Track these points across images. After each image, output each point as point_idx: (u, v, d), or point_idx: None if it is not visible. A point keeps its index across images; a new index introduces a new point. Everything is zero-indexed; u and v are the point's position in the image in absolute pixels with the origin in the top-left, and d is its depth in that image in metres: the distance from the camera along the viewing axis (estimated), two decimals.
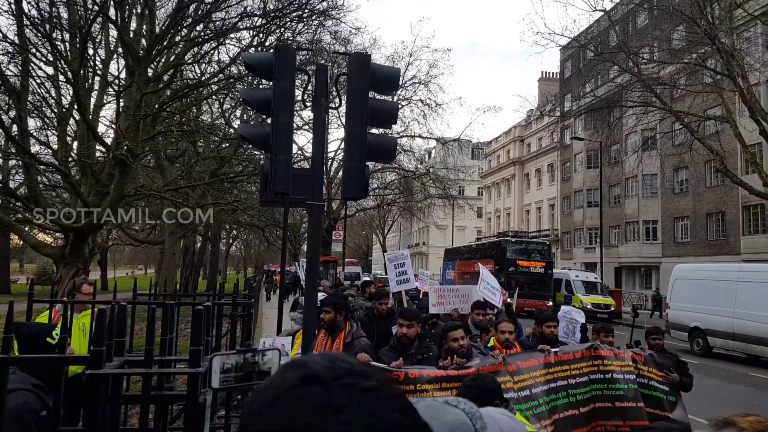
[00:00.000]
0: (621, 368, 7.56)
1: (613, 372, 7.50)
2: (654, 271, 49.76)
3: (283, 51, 6.94)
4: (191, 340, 3.02)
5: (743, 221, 40.49)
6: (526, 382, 6.65)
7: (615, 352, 7.70)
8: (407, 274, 10.70)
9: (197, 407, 2.89)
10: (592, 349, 7.54)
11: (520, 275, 36.41)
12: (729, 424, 2.22)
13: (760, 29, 30.87)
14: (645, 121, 29.44)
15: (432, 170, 47.12)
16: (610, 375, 7.48)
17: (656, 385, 7.82)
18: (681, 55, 26.41)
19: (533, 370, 6.84)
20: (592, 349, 7.52)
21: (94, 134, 17.35)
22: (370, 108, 6.95)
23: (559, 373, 7.06)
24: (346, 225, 53.30)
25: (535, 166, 73.06)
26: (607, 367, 7.48)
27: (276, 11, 19.71)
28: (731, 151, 35.22)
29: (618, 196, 53.70)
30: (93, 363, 2.79)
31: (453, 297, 10.12)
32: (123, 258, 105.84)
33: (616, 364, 7.57)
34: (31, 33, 16.71)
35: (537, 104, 62.07)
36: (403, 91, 41.21)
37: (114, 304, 3.13)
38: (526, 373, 6.74)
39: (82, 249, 17.45)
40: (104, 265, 65.01)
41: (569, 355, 7.35)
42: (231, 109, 28.15)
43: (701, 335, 22.35)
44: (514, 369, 6.61)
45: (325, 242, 39.48)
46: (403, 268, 10.69)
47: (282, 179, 6.62)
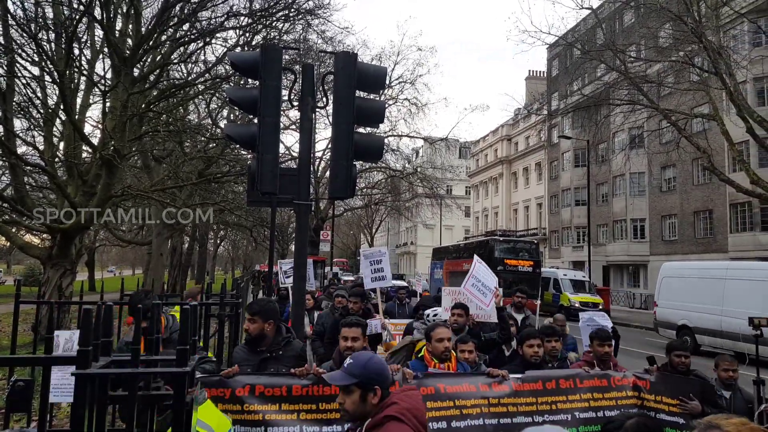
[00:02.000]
0: (617, 402, 6.04)
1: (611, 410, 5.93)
2: (642, 269, 49.95)
3: (269, 50, 6.94)
4: (178, 340, 3.01)
5: (731, 219, 40.67)
6: (445, 412, 5.26)
7: (611, 379, 6.14)
8: (383, 272, 10.28)
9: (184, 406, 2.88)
10: (576, 379, 6.03)
11: (508, 274, 36.38)
12: (713, 427, 2.22)
13: (746, 27, 31.04)
14: (632, 120, 29.52)
15: (419, 170, 47.12)
16: (602, 413, 5.91)
17: (666, 418, 6.02)
18: (668, 53, 26.49)
19: (464, 397, 5.41)
20: (576, 380, 6.02)
21: (81, 134, 17.27)
22: (357, 107, 6.96)
23: (516, 406, 5.64)
24: (333, 225, 53.32)
25: (522, 164, 73.20)
26: (600, 402, 5.98)
27: (262, 10, 19.68)
28: (718, 149, 35.40)
29: (606, 195, 53.88)
30: (79, 363, 2.77)
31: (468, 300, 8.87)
32: (111, 259, 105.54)
33: (611, 397, 6.06)
34: (17, 33, 16.63)
35: (524, 103, 62.15)
36: (390, 90, 41.18)
37: (101, 304, 3.11)
38: (449, 400, 5.32)
39: (69, 250, 17.39)
40: (92, 266, 64.72)
41: (537, 384, 5.85)
42: (218, 109, 28.09)
43: (689, 333, 22.42)
44: (431, 392, 5.25)
45: (312, 242, 39.41)
46: (379, 265, 10.32)
47: (269, 179, 6.61)
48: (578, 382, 6.00)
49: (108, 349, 3.07)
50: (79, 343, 2.82)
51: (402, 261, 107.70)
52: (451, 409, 5.30)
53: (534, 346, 6.67)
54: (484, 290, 8.59)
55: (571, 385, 5.96)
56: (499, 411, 5.53)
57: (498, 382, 5.69)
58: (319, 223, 44.84)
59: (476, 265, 8.98)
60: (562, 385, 5.91)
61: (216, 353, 7.27)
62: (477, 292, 8.61)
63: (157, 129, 20.42)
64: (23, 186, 18.25)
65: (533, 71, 77.16)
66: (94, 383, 2.80)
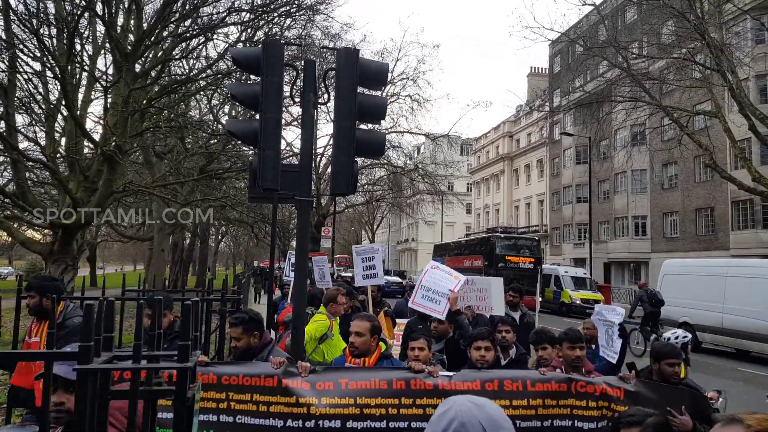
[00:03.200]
0: (573, 412, 5.02)
1: (564, 419, 4.99)
2: (643, 266, 49.95)
3: (271, 46, 6.93)
4: (180, 336, 3.00)
5: (732, 216, 40.68)
6: (342, 410, 4.65)
7: (573, 384, 5.10)
8: (375, 269, 9.93)
9: (186, 402, 2.88)
10: (527, 381, 5.05)
11: (509, 271, 36.43)
12: (736, 421, 2.20)
13: (749, 24, 30.99)
14: (634, 117, 29.51)
15: (421, 166, 47.11)
16: (551, 423, 4.97)
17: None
18: (670, 50, 26.47)
19: (369, 395, 4.73)
20: (527, 382, 5.03)
21: (82, 130, 17.27)
22: (359, 103, 6.94)
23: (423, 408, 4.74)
24: (335, 221, 53.28)
25: (524, 161, 73.20)
26: (552, 411, 4.98)
27: (264, 6, 19.66)
28: (720, 147, 35.35)
29: (607, 192, 53.89)
30: (81, 358, 2.77)
31: (468, 291, 8.58)
32: (112, 255, 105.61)
33: (568, 405, 5.03)
34: (18, 28, 16.60)
35: (526, 99, 62.13)
36: (392, 86, 41.19)
37: (102, 299, 3.11)
38: (348, 398, 4.69)
39: (71, 245, 17.39)
40: (93, 261, 64.81)
41: (473, 384, 4.96)
42: (219, 105, 28.06)
43: (690, 330, 22.40)
44: (328, 388, 4.72)
45: (314, 238, 39.45)
46: (371, 262, 9.99)
47: (270, 175, 6.60)
48: (528, 385, 5.01)
49: (110, 344, 3.07)
50: (80, 338, 2.82)
51: (403, 257, 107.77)
52: (350, 407, 4.66)
53: (481, 349, 5.77)
54: (436, 297, 7.60)
55: (517, 388, 4.98)
56: (412, 413, 4.72)
57: (422, 379, 4.88)
58: (321, 219, 44.86)
59: (427, 272, 8.07)
60: (506, 387, 4.96)
61: (217, 349, 7.28)
62: (428, 302, 7.64)
63: (159, 125, 20.40)
64: (25, 182, 18.24)
65: (535, 68, 77.10)
66: (95, 378, 2.80)
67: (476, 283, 8.80)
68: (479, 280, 8.95)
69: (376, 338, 5.44)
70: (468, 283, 8.56)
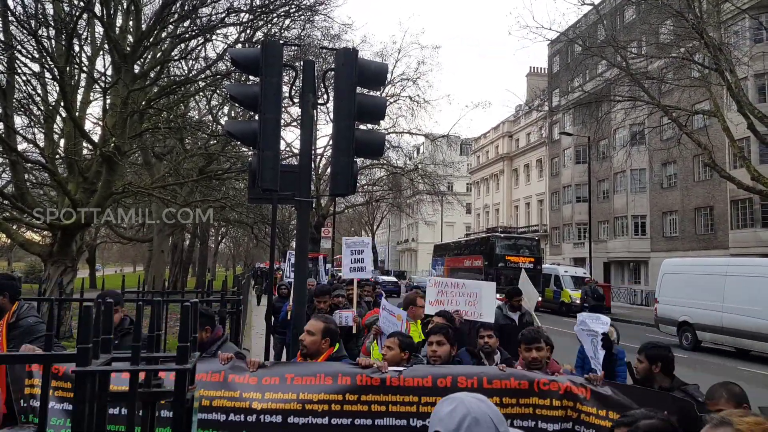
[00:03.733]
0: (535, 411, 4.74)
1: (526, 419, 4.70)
2: (643, 265, 49.97)
3: (270, 47, 6.93)
4: (179, 337, 2.99)
5: (731, 216, 40.68)
6: (284, 405, 4.51)
7: (535, 382, 4.82)
8: (363, 263, 9.74)
9: (185, 404, 2.87)
10: (483, 378, 4.79)
11: (509, 271, 36.47)
12: (726, 423, 2.18)
13: (748, 23, 30.98)
14: (633, 116, 29.51)
15: (420, 166, 47.11)
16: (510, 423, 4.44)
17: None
18: (669, 49, 26.47)
19: (311, 391, 4.58)
20: (483, 378, 4.78)
21: (81, 131, 17.26)
22: (358, 103, 6.94)
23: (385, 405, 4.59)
24: (335, 221, 53.26)
25: (523, 161, 73.21)
26: (512, 410, 4.69)
27: (263, 6, 19.66)
28: (719, 146, 35.35)
29: (606, 191, 53.89)
30: (80, 360, 2.76)
31: (457, 294, 8.14)
32: (112, 256, 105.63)
33: (528, 404, 4.75)
34: (17, 30, 16.59)
35: (525, 99, 62.09)
36: (392, 87, 41.14)
37: (101, 300, 3.10)
38: (291, 393, 4.57)
39: (70, 247, 17.40)
40: (92, 263, 64.77)
41: (425, 380, 4.71)
42: (218, 106, 28.04)
43: (690, 329, 22.43)
44: (274, 383, 4.62)
45: (314, 239, 39.40)
46: (360, 255, 9.80)
47: (270, 176, 6.60)
48: (485, 382, 4.73)
49: (108, 346, 3.06)
50: (78, 340, 2.82)
51: (403, 258, 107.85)
52: (292, 402, 4.53)
53: (433, 344, 5.63)
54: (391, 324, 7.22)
55: (472, 384, 4.68)
56: (356, 410, 4.56)
57: (368, 374, 4.68)
58: (320, 219, 44.83)
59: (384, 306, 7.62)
60: (460, 383, 4.66)
61: None
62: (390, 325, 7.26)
63: (158, 126, 20.40)
64: (24, 183, 18.23)
65: (534, 68, 77.11)
66: (94, 380, 2.79)
67: (466, 287, 8.22)
68: (470, 284, 8.32)
69: (327, 340, 5.29)
70: (457, 286, 8.26)
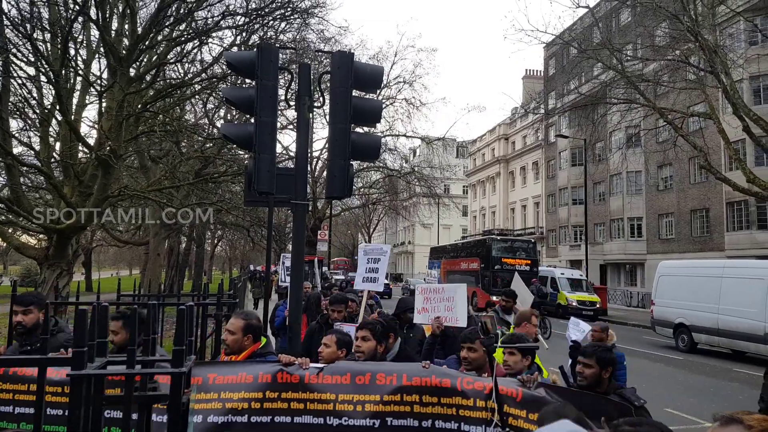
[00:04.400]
0: (459, 412, 4.46)
1: (449, 421, 4.45)
2: (639, 267, 50.02)
3: (265, 50, 6.92)
4: (175, 340, 2.99)
5: (727, 218, 40.75)
6: (206, 405, 4.38)
7: (458, 380, 4.57)
8: (377, 273, 9.07)
9: (180, 407, 2.87)
10: (403, 375, 4.55)
11: (505, 273, 36.47)
12: (735, 421, 2.16)
13: (743, 25, 31.08)
14: (629, 118, 29.59)
15: (417, 169, 47.15)
16: (429, 423, 4.43)
17: None
18: (664, 51, 26.52)
19: (232, 390, 4.45)
20: (403, 376, 4.54)
21: (77, 135, 17.24)
22: (354, 106, 6.94)
23: (303, 403, 4.46)
24: (331, 224, 53.28)
25: (519, 164, 73.26)
26: (432, 409, 4.45)
27: (258, 9, 19.67)
28: (715, 148, 35.45)
29: (603, 194, 53.94)
30: (75, 363, 2.76)
31: (438, 300, 7.90)
32: (108, 259, 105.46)
33: (451, 404, 4.48)
34: (12, 33, 16.56)
35: (521, 102, 62.22)
36: (388, 90, 41.21)
37: (96, 304, 3.09)
38: (213, 392, 4.43)
39: (66, 250, 17.35)
40: (88, 266, 64.71)
41: (343, 377, 4.56)
42: (214, 109, 28.08)
43: (686, 331, 22.46)
44: (198, 383, 4.41)
45: (310, 242, 39.41)
46: (376, 264, 9.12)
47: (266, 179, 6.59)
48: (404, 378, 4.52)
49: (103, 349, 3.05)
50: (73, 344, 2.81)
51: (400, 260, 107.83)
52: (213, 401, 4.40)
53: (358, 339, 5.48)
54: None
55: (391, 381, 4.51)
56: (276, 407, 4.43)
57: (289, 372, 4.55)
58: (317, 222, 44.86)
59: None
60: (378, 380, 4.51)
61: (213, 354, 7.26)
62: None
63: (154, 129, 20.38)
64: (19, 186, 18.18)
65: (530, 70, 77.24)
66: (89, 384, 2.79)
67: (445, 292, 7.98)
68: (448, 288, 8.07)
69: (250, 337, 5.20)
70: (438, 292, 8.04)
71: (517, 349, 5.28)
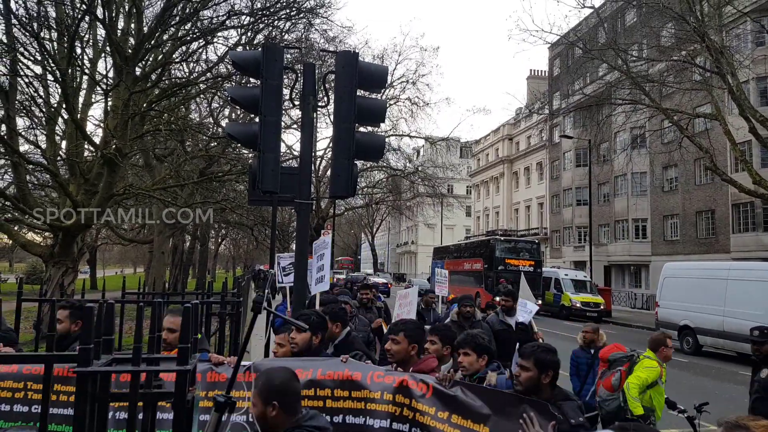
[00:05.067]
0: (374, 406, 4.37)
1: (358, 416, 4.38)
2: (643, 269, 49.87)
3: (270, 49, 6.95)
4: (180, 338, 3.01)
5: (733, 219, 40.58)
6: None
7: (369, 374, 4.52)
8: (324, 270, 8.81)
9: (185, 405, 2.88)
10: (318, 370, 4.53)
11: (509, 274, 36.41)
12: (740, 427, 2.16)
13: (749, 26, 30.97)
14: (634, 119, 29.51)
15: (420, 169, 47.12)
16: (341, 419, 4.39)
17: None
18: (670, 52, 26.46)
19: None
20: (318, 370, 4.53)
21: (83, 133, 17.30)
22: (358, 106, 6.96)
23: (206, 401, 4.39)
24: (335, 224, 53.25)
25: (523, 164, 73.13)
26: (343, 404, 4.42)
27: (263, 9, 19.70)
28: (721, 149, 35.32)
29: (607, 195, 53.79)
30: (81, 361, 2.78)
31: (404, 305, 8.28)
32: (112, 257, 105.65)
33: (363, 397, 4.41)
34: (19, 32, 16.63)
35: (526, 102, 62.13)
36: (392, 89, 41.18)
37: (102, 302, 3.12)
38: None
39: (71, 248, 17.43)
40: (93, 264, 64.81)
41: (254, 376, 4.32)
42: (219, 108, 28.13)
43: (691, 334, 22.40)
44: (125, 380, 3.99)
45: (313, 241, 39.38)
46: (321, 261, 8.88)
47: (270, 178, 6.62)
48: (319, 373, 4.47)
49: (109, 346, 3.07)
50: (80, 341, 2.83)
51: (403, 260, 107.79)
52: None
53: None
54: None
55: (307, 376, 4.42)
56: (204, 406, 4.42)
57: (217, 371, 4.59)
58: (320, 222, 44.84)
59: None
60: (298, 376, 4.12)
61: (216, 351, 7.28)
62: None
63: (159, 128, 20.44)
64: (25, 184, 18.27)
65: (534, 70, 77.11)
66: (95, 381, 2.81)
67: (409, 295, 8.46)
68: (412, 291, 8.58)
69: None
70: (405, 297, 8.51)
71: (472, 348, 4.87)
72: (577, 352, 9.00)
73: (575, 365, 8.96)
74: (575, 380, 8.91)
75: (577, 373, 8.89)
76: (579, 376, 8.84)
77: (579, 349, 9.02)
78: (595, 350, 8.68)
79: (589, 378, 8.63)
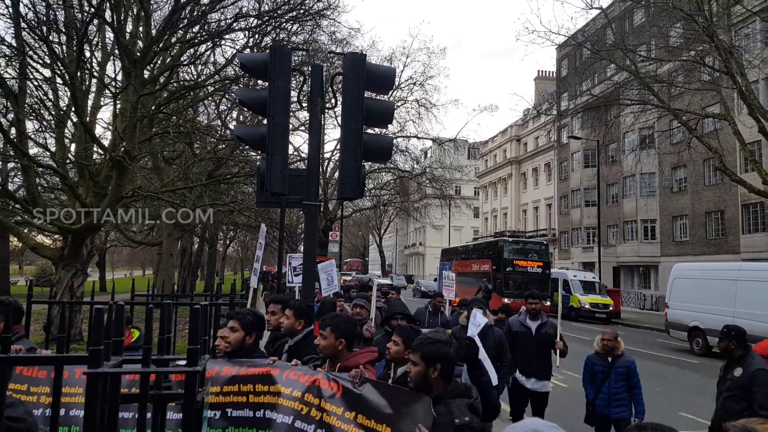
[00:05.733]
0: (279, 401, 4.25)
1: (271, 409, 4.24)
2: (653, 270, 49.71)
3: (278, 51, 6.96)
4: (189, 339, 3.02)
5: (743, 220, 40.42)
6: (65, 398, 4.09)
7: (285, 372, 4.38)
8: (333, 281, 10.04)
9: (194, 406, 2.89)
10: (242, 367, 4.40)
11: (517, 275, 36.37)
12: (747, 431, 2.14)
13: (758, 25, 30.84)
14: (642, 120, 29.41)
15: (428, 170, 47.11)
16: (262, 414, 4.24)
17: None
18: (679, 52, 26.41)
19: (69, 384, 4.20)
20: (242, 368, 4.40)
21: (92, 136, 17.36)
22: (366, 108, 6.96)
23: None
24: (342, 225, 53.30)
25: (531, 165, 73.00)
26: (262, 398, 4.29)
27: (271, 12, 19.73)
28: (730, 149, 35.21)
29: (616, 195, 53.66)
30: (91, 362, 2.79)
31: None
32: (121, 260, 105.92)
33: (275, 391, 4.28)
34: (29, 36, 16.71)
35: (533, 103, 62.07)
36: (399, 91, 41.20)
37: (112, 303, 3.13)
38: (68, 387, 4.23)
39: (81, 250, 17.48)
40: (102, 266, 65.01)
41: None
42: (227, 110, 28.18)
43: (701, 335, 22.33)
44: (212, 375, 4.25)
45: (321, 243, 39.45)
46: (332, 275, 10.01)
47: (278, 180, 6.62)
48: (242, 370, 4.35)
49: (119, 348, 3.08)
50: (89, 342, 2.84)
51: (410, 262, 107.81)
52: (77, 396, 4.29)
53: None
54: None
55: (218, 373, 4.33)
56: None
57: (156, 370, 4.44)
58: (328, 224, 44.90)
59: None
60: (223, 372, 4.31)
61: None
62: None
63: (167, 130, 20.50)
64: (35, 187, 18.33)
65: (542, 71, 76.99)
66: (105, 382, 2.82)
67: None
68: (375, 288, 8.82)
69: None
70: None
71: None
72: (593, 358, 8.45)
73: (590, 372, 8.44)
74: (588, 387, 8.43)
75: (591, 380, 8.39)
76: (593, 383, 8.32)
77: (595, 355, 8.45)
78: (613, 358, 8.20)
79: (604, 387, 8.14)
